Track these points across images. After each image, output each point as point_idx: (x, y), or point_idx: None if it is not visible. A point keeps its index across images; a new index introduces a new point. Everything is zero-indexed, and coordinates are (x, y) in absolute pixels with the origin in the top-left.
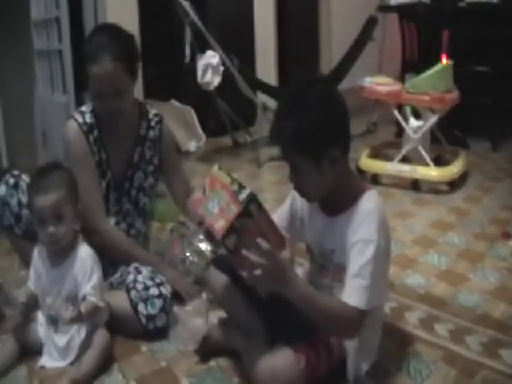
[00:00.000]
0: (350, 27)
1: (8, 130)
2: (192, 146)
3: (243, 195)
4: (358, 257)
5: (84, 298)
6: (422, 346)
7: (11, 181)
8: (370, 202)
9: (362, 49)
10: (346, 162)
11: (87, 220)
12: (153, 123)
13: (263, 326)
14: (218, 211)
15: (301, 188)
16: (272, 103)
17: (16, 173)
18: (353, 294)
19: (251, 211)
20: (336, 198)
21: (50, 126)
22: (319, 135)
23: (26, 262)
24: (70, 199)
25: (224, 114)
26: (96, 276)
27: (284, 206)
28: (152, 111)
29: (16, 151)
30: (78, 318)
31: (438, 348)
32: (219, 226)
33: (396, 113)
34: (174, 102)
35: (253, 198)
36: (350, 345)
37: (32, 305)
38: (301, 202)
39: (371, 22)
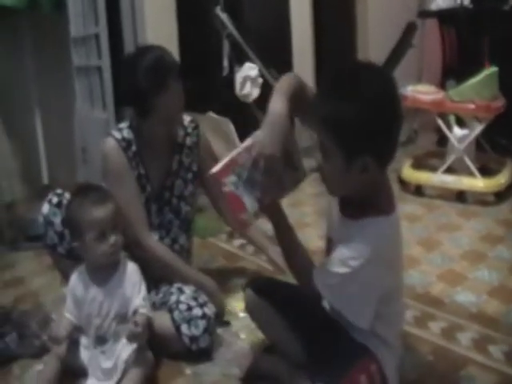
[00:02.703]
0: (387, 34)
1: (48, 146)
2: None
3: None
4: (335, 262)
5: (135, 312)
6: (476, 370)
7: (54, 199)
8: (373, 229)
9: (401, 56)
10: (379, 177)
11: (131, 235)
12: (189, 130)
13: (303, 351)
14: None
15: (324, 176)
16: None
17: (59, 191)
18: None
19: None
20: (355, 204)
21: (89, 142)
22: (362, 130)
23: (68, 280)
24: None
25: None
26: (144, 287)
27: None
28: (187, 118)
29: (56, 167)
30: (137, 334)
31: (494, 372)
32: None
33: (440, 122)
34: (211, 114)
35: None
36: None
37: (74, 334)
38: None
39: (410, 29)
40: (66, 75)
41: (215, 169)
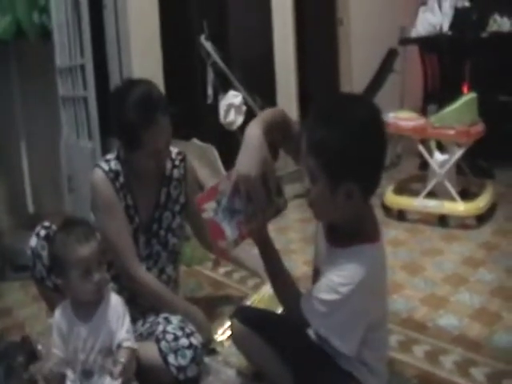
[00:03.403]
0: (370, 60)
1: (33, 175)
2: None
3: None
4: (323, 289)
5: (119, 346)
6: None
7: (42, 232)
8: (361, 257)
9: (383, 81)
10: (363, 206)
11: (120, 265)
12: (177, 162)
13: (290, 379)
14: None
15: (310, 200)
16: None
17: (47, 224)
18: (307, 304)
19: None
20: (342, 232)
21: (75, 171)
22: (345, 158)
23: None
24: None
25: None
26: (127, 319)
27: None
28: (174, 150)
29: (41, 196)
30: (123, 371)
31: None
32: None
33: (421, 147)
34: (195, 140)
35: None
36: None
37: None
38: None
39: (392, 55)
40: (53, 104)
41: (200, 195)
